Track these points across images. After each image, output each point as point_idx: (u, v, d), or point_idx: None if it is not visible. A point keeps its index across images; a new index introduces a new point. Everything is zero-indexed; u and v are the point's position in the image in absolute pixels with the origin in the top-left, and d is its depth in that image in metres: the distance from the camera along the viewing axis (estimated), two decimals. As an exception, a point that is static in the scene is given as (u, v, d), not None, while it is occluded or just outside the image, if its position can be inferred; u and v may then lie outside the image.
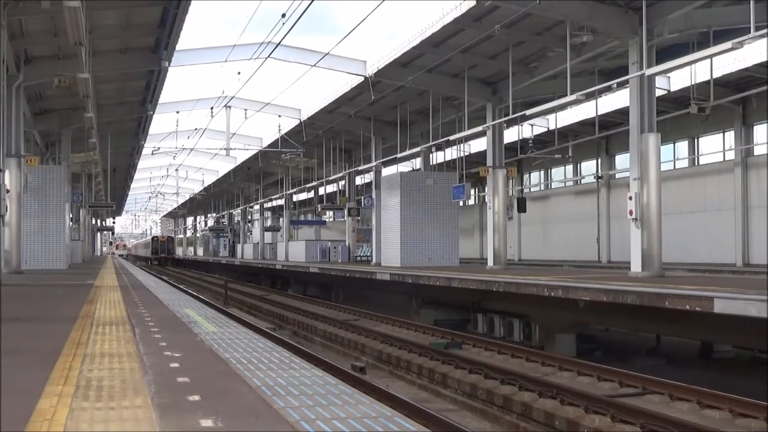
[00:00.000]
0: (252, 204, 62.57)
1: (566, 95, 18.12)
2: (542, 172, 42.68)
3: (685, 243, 29.76)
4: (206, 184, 65.21)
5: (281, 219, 57.70)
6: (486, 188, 31.49)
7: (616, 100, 28.61)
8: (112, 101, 32.12)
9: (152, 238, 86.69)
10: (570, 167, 39.35)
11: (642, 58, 17.03)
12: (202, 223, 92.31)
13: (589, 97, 22.14)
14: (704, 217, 30.53)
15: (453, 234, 28.27)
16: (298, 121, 35.15)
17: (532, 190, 43.37)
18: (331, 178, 40.11)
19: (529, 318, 16.54)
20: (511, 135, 31.02)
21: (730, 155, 29.68)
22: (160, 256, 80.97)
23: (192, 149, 40.70)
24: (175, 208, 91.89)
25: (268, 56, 22.89)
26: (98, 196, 49.01)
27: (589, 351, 15.18)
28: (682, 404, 9.46)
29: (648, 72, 16.49)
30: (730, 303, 10.15)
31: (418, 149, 29.21)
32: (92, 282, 19.89)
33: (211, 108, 32.00)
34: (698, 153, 31.87)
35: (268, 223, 65.98)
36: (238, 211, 67.79)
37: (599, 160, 36.98)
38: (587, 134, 30.93)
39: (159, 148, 38.65)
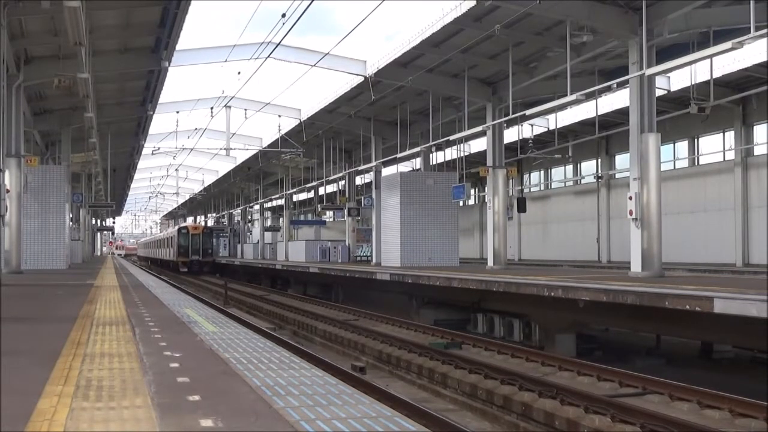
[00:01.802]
0: (252, 204, 62.59)
1: (566, 95, 18.12)
2: (542, 172, 42.68)
3: (685, 243, 29.76)
4: (206, 184, 65.22)
5: (281, 219, 57.72)
6: (486, 188, 31.49)
7: (616, 100, 28.61)
8: (112, 101, 32.13)
9: (179, 230, 55.92)
10: (570, 167, 39.36)
11: (642, 58, 17.03)
12: (202, 223, 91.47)
13: (589, 97, 22.14)
14: (704, 217, 30.53)
15: (453, 234, 28.27)
16: (298, 121, 35.15)
17: (532, 190, 43.37)
18: (331, 178, 40.11)
19: (529, 318, 16.54)
20: (511, 135, 31.02)
21: (730, 155, 29.68)
22: (193, 259, 53.37)
23: (192, 149, 40.72)
24: (175, 208, 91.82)
25: (268, 56, 22.89)
26: (98, 196, 49.03)
27: (589, 351, 15.18)
28: (682, 404, 9.46)
29: (648, 72, 16.49)
30: (730, 303, 10.15)
31: (418, 149, 29.21)
32: (92, 282, 19.89)
33: (211, 108, 32.01)
34: (698, 153, 31.87)
35: (268, 223, 65.95)
36: (238, 211, 67.81)
37: (599, 160, 36.99)
38: (587, 134, 30.93)
39: (159, 148, 38.66)
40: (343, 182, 40.95)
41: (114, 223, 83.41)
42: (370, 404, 4.90)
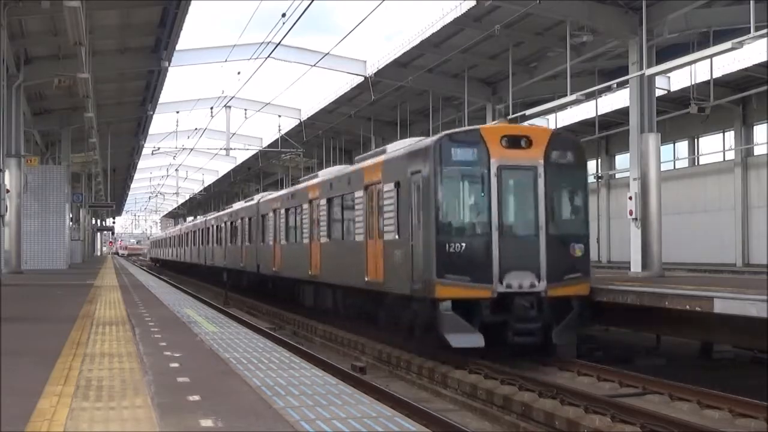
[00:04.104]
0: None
1: (566, 95, 18.12)
2: (542, 172, 42.64)
3: (685, 243, 29.75)
4: (206, 184, 65.22)
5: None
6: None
7: (616, 100, 28.59)
8: (112, 101, 32.14)
9: (443, 141, 11.95)
10: (570, 167, 39.29)
11: (642, 58, 17.03)
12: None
13: (589, 97, 22.14)
14: (704, 217, 30.52)
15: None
16: (298, 121, 35.18)
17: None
18: (331, 178, 40.02)
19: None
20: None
21: (730, 155, 29.67)
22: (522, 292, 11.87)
23: (192, 149, 40.74)
24: (175, 208, 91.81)
25: (268, 56, 22.89)
26: (98, 196, 49.02)
27: (589, 351, 15.16)
28: (682, 404, 9.46)
29: (648, 72, 16.48)
30: (730, 303, 10.14)
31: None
32: (92, 282, 19.89)
33: (211, 108, 32.03)
34: (698, 153, 31.86)
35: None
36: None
37: (599, 160, 36.98)
38: (587, 134, 30.91)
39: (159, 148, 38.69)
40: (343, 182, 40.86)
41: (114, 223, 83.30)
42: (370, 404, 4.91)
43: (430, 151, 11.95)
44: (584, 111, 30.72)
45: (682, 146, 32.56)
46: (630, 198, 17.56)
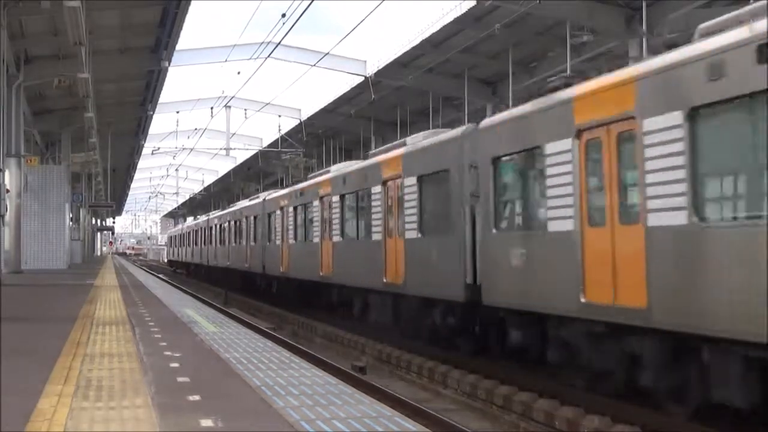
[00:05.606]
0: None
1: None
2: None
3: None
4: (206, 184, 65.26)
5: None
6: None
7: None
8: (112, 101, 32.16)
9: None
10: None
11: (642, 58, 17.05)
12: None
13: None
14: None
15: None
16: (298, 121, 35.20)
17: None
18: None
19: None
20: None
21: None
22: None
23: (192, 149, 40.75)
24: (175, 208, 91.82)
25: (268, 56, 22.90)
26: (98, 196, 49.05)
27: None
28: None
29: (648, 72, 16.48)
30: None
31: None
32: (92, 282, 19.90)
33: (211, 108, 32.08)
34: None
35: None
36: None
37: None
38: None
39: (159, 148, 38.72)
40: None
41: (114, 223, 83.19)
42: (371, 404, 4.91)
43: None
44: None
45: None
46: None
